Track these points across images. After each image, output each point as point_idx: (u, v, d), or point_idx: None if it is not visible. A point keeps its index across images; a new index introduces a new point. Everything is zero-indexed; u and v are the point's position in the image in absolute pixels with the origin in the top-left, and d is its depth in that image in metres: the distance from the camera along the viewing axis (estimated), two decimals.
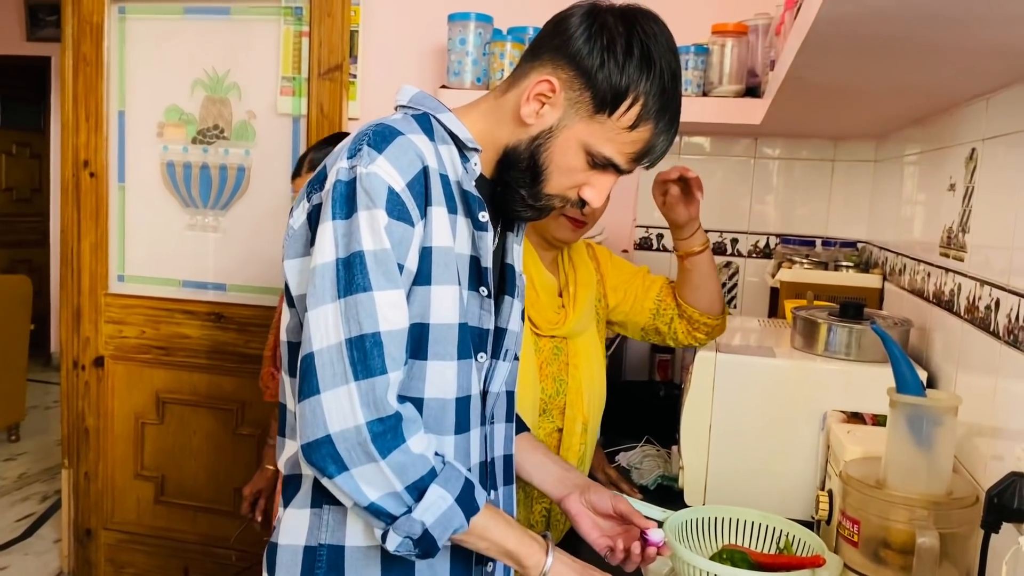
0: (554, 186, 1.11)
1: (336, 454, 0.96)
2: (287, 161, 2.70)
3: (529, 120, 1.08)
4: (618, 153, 1.09)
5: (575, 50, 1.05)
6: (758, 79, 2.06)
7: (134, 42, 2.80)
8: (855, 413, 1.57)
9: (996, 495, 1.08)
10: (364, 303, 0.97)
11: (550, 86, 1.06)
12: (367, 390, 0.95)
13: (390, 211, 0.98)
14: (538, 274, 1.61)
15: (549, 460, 1.36)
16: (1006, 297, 1.24)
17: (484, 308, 1.11)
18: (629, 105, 1.05)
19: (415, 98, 1.13)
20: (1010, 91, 1.30)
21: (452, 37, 2.19)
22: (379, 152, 1.00)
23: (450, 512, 0.99)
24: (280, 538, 1.09)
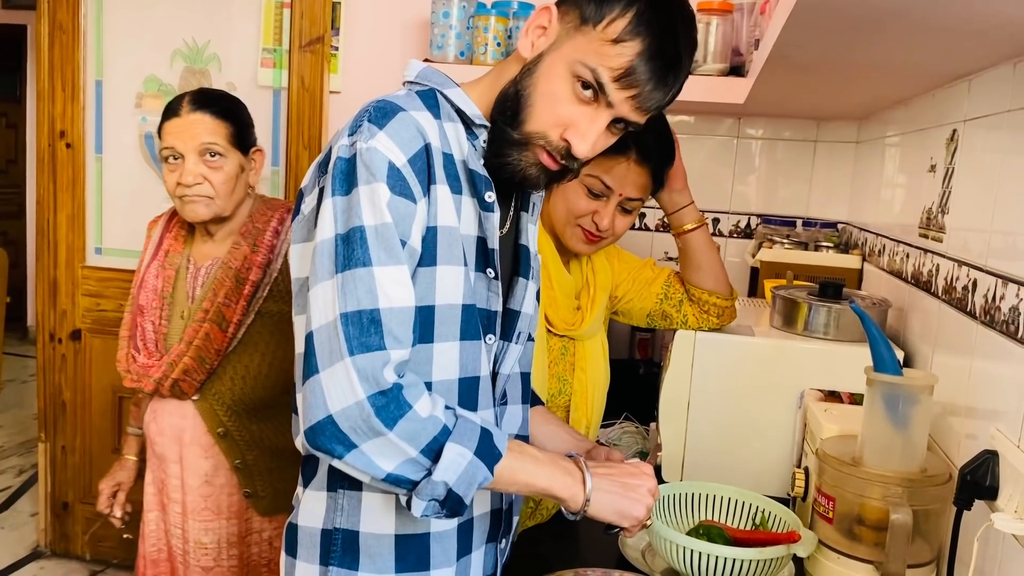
0: (537, 120, 1.03)
1: (341, 434, 0.93)
2: (268, 134, 2.67)
3: (525, 53, 1.05)
4: (601, 65, 1.00)
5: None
6: (742, 58, 2.05)
7: (112, 11, 2.75)
8: (832, 392, 1.59)
9: (969, 473, 1.09)
10: (363, 278, 0.94)
11: (548, 15, 1.04)
12: (364, 364, 0.92)
13: (391, 186, 0.96)
14: (557, 273, 1.60)
15: (562, 430, 1.34)
16: (983, 278, 1.25)
17: (492, 290, 1.09)
18: (615, 16, 0.99)
19: (422, 73, 1.10)
20: (992, 72, 1.31)
21: (435, 10, 2.17)
22: (379, 128, 0.98)
23: (471, 467, 0.96)
24: (300, 519, 1.10)
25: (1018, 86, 1.20)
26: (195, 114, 1.66)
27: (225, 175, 1.67)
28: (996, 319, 1.18)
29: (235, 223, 1.74)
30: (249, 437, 1.73)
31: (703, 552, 1.20)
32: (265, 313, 1.71)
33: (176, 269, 1.75)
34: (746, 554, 1.20)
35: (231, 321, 1.68)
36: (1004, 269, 1.17)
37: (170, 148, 1.67)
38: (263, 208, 1.77)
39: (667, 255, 2.45)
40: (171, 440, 1.73)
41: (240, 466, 1.73)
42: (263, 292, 1.70)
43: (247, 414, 1.72)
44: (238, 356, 1.70)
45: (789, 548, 1.23)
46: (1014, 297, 1.12)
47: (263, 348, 1.72)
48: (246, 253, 1.70)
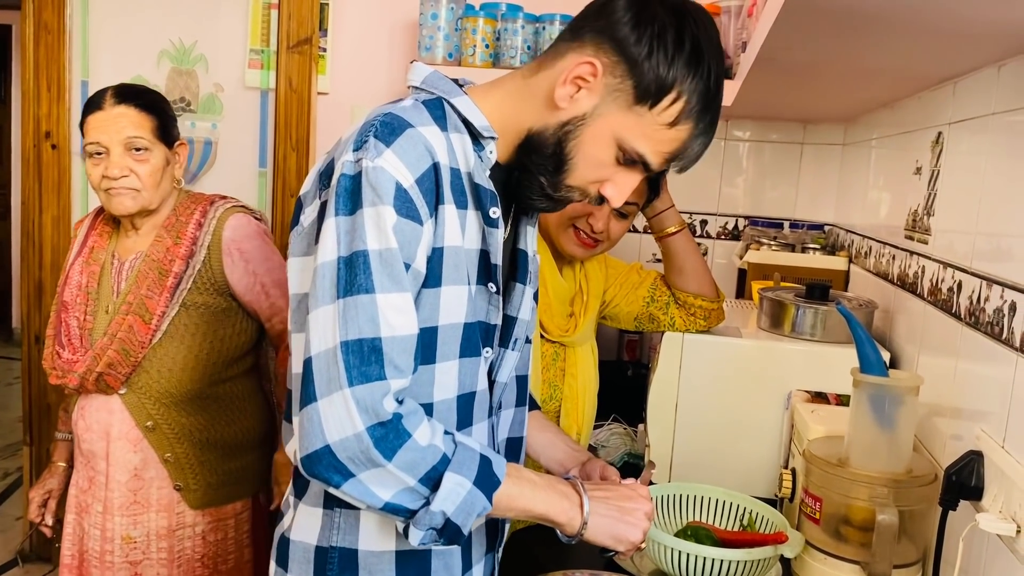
0: (577, 178, 1.03)
1: (339, 463, 0.91)
2: (255, 135, 2.66)
3: (562, 103, 1.00)
4: (652, 151, 1.01)
5: (622, 35, 0.97)
6: (730, 60, 2.06)
7: (98, 11, 2.74)
8: (819, 393, 1.59)
9: (954, 473, 1.10)
10: (365, 305, 0.91)
11: (592, 69, 0.98)
12: (364, 395, 0.90)
13: (398, 208, 0.93)
14: (552, 279, 1.60)
15: (559, 439, 1.34)
16: (968, 279, 1.26)
17: (492, 304, 1.07)
18: (672, 100, 0.98)
19: (429, 79, 1.06)
20: (977, 75, 1.32)
21: (424, 12, 2.17)
22: (386, 145, 0.94)
23: (471, 497, 0.95)
24: (293, 533, 1.07)
25: (1002, 89, 1.21)
26: (119, 107, 1.65)
27: (151, 168, 1.67)
28: (981, 320, 1.19)
29: (159, 217, 1.73)
30: (179, 430, 1.72)
31: (691, 553, 1.20)
32: (190, 305, 1.70)
33: (101, 265, 1.75)
34: (733, 555, 1.20)
35: (154, 313, 1.67)
36: (988, 271, 1.18)
37: (95, 143, 1.65)
38: (187, 202, 1.76)
39: (655, 257, 2.46)
40: (98, 436, 1.72)
41: (170, 459, 1.71)
42: (187, 284, 1.70)
43: (176, 407, 1.71)
44: (164, 349, 1.69)
45: (776, 549, 1.23)
46: (998, 299, 1.13)
47: (189, 341, 1.71)
48: (169, 245, 1.70)
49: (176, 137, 1.75)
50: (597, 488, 1.10)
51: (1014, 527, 0.98)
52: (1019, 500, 0.98)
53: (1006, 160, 1.17)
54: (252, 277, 1.74)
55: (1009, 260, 1.11)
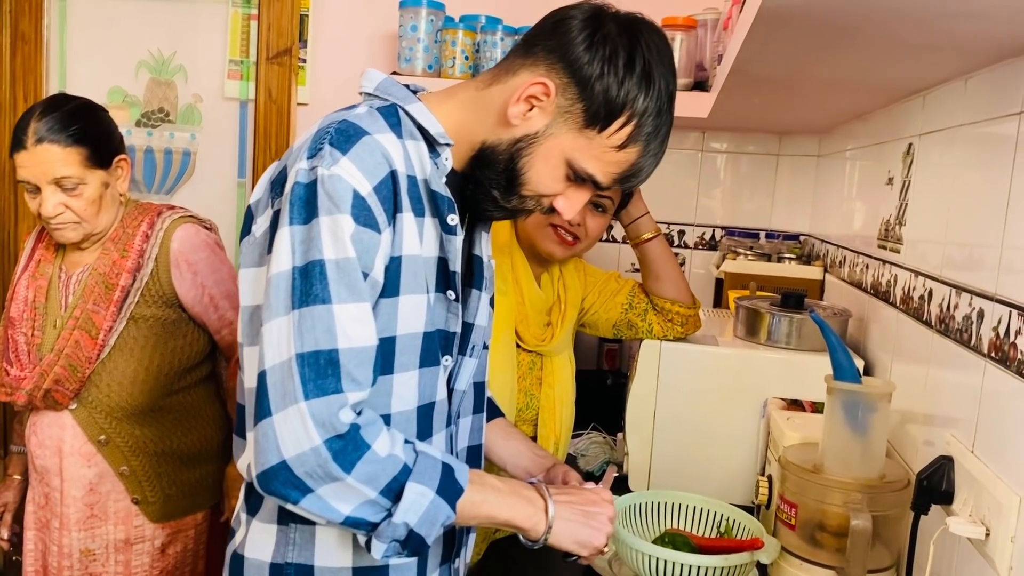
0: (529, 191, 1.05)
1: (296, 479, 0.89)
2: (234, 146, 2.65)
3: (515, 121, 1.00)
4: (601, 172, 1.02)
5: (574, 56, 0.98)
6: (706, 73, 2.08)
7: (76, 21, 2.72)
8: (794, 400, 1.61)
9: (926, 478, 1.12)
10: (321, 316, 0.89)
11: (544, 89, 0.98)
12: (319, 409, 0.88)
13: (356, 217, 0.91)
14: (529, 288, 1.61)
15: (524, 446, 1.33)
16: (938, 288, 1.28)
17: (451, 311, 1.06)
18: (622, 124, 0.99)
19: (382, 86, 1.05)
20: (946, 87, 1.35)
21: (403, 23, 2.18)
22: (342, 153, 0.92)
23: (433, 507, 0.93)
24: (247, 550, 1.05)
25: (970, 101, 1.23)
26: (41, 146, 1.57)
27: (87, 200, 1.61)
28: (951, 328, 1.21)
29: (106, 231, 1.70)
30: (133, 443, 1.69)
31: (668, 560, 1.21)
32: (139, 318, 1.67)
33: (48, 279, 1.71)
34: (710, 561, 1.22)
35: (101, 327, 1.64)
36: (958, 279, 1.21)
37: (24, 180, 1.60)
38: (133, 213, 1.72)
39: (633, 267, 2.47)
40: (51, 452, 1.69)
41: (126, 472, 1.69)
42: (135, 297, 1.67)
43: (128, 420, 1.68)
44: (113, 363, 1.66)
45: (753, 555, 1.24)
46: (967, 306, 1.15)
47: (139, 354, 1.68)
48: (115, 258, 1.67)
49: (115, 152, 1.68)
50: (561, 493, 1.09)
51: (983, 530, 0.99)
52: (988, 504, 0.99)
53: (974, 171, 1.20)
54: (200, 289, 1.71)
55: (977, 269, 1.14)
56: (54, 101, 1.65)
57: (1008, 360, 1.00)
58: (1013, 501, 0.94)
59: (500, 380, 1.55)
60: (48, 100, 1.66)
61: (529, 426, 1.66)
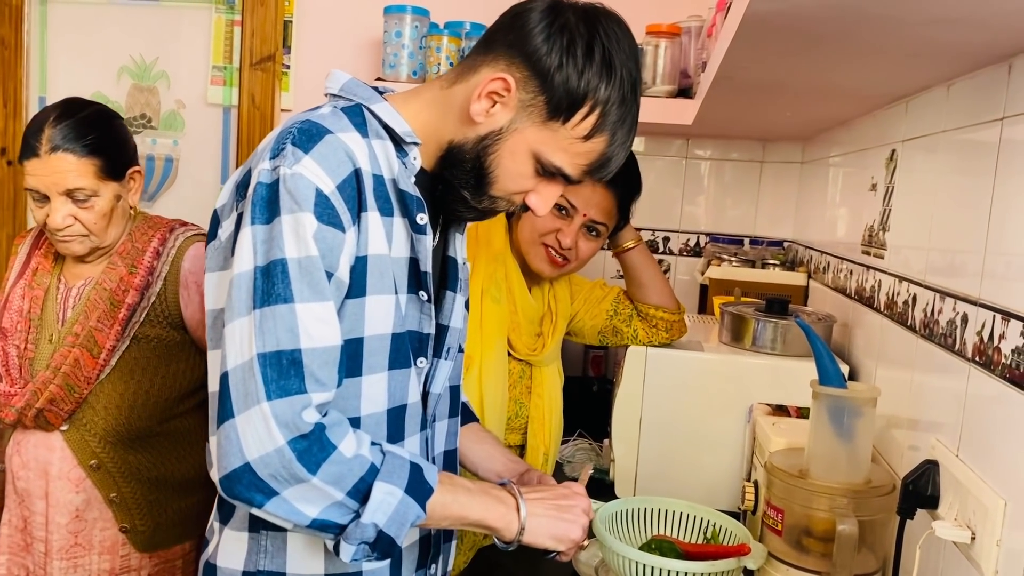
0: (499, 189, 1.04)
1: (260, 482, 0.87)
2: (217, 152, 2.64)
3: (478, 118, 0.99)
4: (569, 164, 1.01)
5: (532, 48, 0.97)
6: (690, 80, 2.09)
7: (57, 27, 2.70)
8: (780, 406, 1.62)
9: (911, 483, 1.12)
10: (283, 315, 0.88)
11: (504, 84, 0.98)
12: (282, 410, 0.87)
13: (319, 215, 0.90)
14: (522, 296, 1.61)
15: (497, 451, 1.31)
16: (922, 293, 1.29)
17: (424, 312, 1.05)
18: (586, 113, 0.98)
19: (347, 86, 1.04)
20: (928, 94, 1.36)
21: (388, 30, 2.17)
22: (305, 152, 0.91)
23: (403, 506, 0.92)
24: (218, 559, 1.04)
25: (952, 107, 1.24)
26: (56, 155, 1.48)
27: (98, 213, 1.53)
28: (935, 332, 1.21)
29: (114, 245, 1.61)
30: (126, 469, 1.59)
31: (655, 566, 1.21)
32: (142, 338, 1.58)
33: (45, 289, 1.60)
34: (697, 568, 1.21)
35: (103, 346, 1.55)
36: (942, 284, 1.21)
37: (33, 189, 1.51)
38: (144, 227, 1.63)
39: (618, 273, 2.47)
40: (36, 474, 1.58)
41: (116, 500, 1.58)
42: (140, 316, 1.58)
43: (123, 445, 1.58)
44: (112, 384, 1.57)
45: (739, 561, 1.24)
46: (951, 311, 1.15)
47: (139, 375, 1.58)
48: (123, 274, 1.57)
49: (130, 163, 1.60)
50: (532, 491, 1.09)
51: (968, 534, 1.00)
52: (973, 508, 1.00)
53: (956, 176, 1.21)
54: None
55: (961, 274, 1.14)
56: (69, 106, 1.55)
57: (992, 364, 1.01)
58: (998, 504, 0.95)
59: (493, 389, 1.54)
60: (63, 104, 1.56)
61: (518, 435, 1.66)
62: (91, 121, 1.53)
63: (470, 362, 1.51)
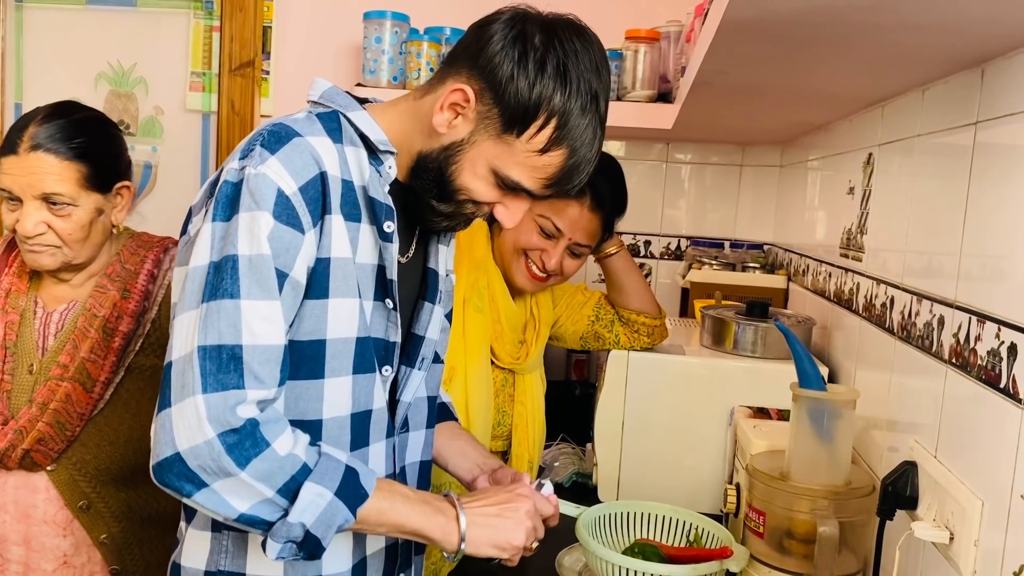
0: (463, 198, 1.04)
1: (190, 472, 0.88)
2: (196, 158, 2.62)
3: (441, 129, 1.00)
4: (528, 178, 1.00)
5: (487, 59, 0.97)
6: (670, 85, 2.10)
7: (33, 32, 2.67)
8: (761, 408, 1.62)
9: (890, 484, 1.13)
10: (228, 310, 0.89)
11: (463, 95, 0.98)
12: (216, 403, 0.87)
13: (277, 215, 0.91)
14: (505, 304, 1.61)
15: (470, 447, 1.30)
16: (900, 295, 1.30)
17: (391, 320, 1.05)
18: (540, 126, 0.97)
19: (327, 94, 1.05)
20: (903, 98, 1.37)
21: (368, 35, 2.17)
22: (271, 153, 0.93)
23: (331, 508, 0.91)
24: (183, 559, 1.05)
25: (927, 112, 1.26)
26: (35, 154, 1.34)
27: (74, 223, 1.38)
28: (912, 334, 1.22)
29: (97, 264, 1.46)
30: (117, 508, 1.46)
31: (637, 570, 1.21)
32: (137, 369, 1.45)
33: (20, 313, 1.44)
34: (680, 571, 1.22)
35: (98, 380, 1.41)
36: (919, 286, 1.22)
37: (5, 189, 1.37)
38: (133, 247, 1.49)
39: (600, 277, 2.48)
40: (15, 518, 1.43)
41: (106, 541, 1.45)
42: (136, 345, 1.44)
43: (116, 483, 1.46)
44: (106, 419, 1.43)
45: (722, 564, 1.24)
46: (928, 313, 1.16)
47: (135, 408, 1.45)
48: (115, 299, 1.43)
49: (120, 177, 1.46)
50: (473, 498, 1.06)
51: (947, 535, 1.01)
52: (952, 508, 1.01)
53: (931, 180, 1.22)
54: None
55: (937, 276, 1.16)
56: (61, 107, 1.43)
57: (968, 366, 1.02)
58: (975, 505, 0.95)
59: (478, 398, 1.54)
60: (55, 105, 1.44)
61: (501, 442, 1.66)
62: (82, 125, 1.42)
63: (454, 372, 1.51)
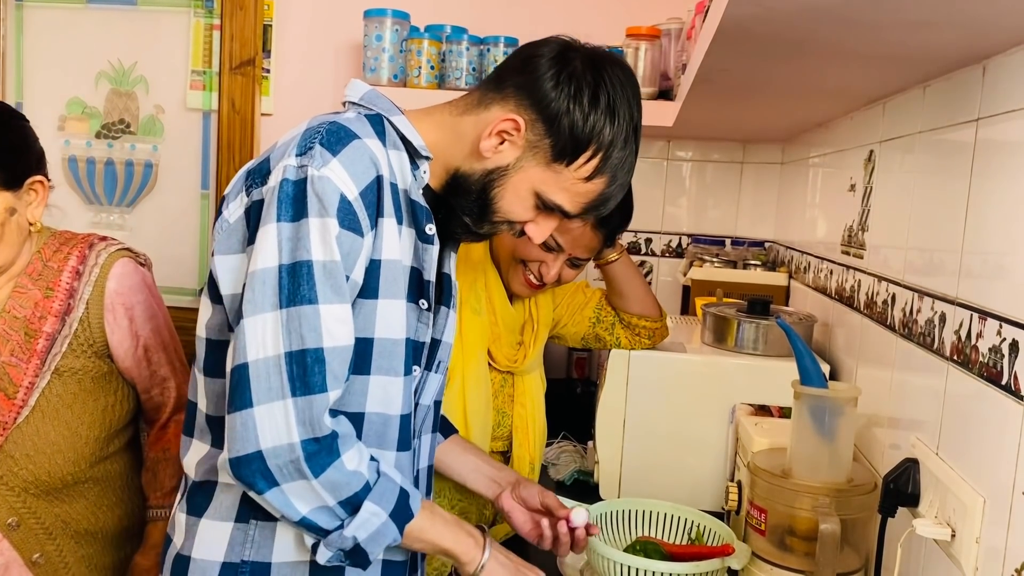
0: (499, 218, 1.10)
1: (267, 470, 0.92)
2: (196, 157, 2.62)
3: (487, 154, 1.05)
4: (570, 202, 1.07)
5: (542, 93, 1.02)
6: (670, 82, 2.10)
7: (33, 31, 2.68)
8: (762, 406, 1.62)
9: (892, 481, 1.13)
10: (309, 316, 0.93)
11: (515, 125, 1.03)
12: (304, 407, 0.92)
13: (341, 220, 0.94)
14: (502, 307, 1.61)
15: (481, 461, 1.37)
16: (901, 292, 1.30)
17: (422, 321, 1.08)
18: (589, 157, 1.04)
19: (367, 96, 1.08)
20: (905, 95, 1.37)
21: (368, 33, 2.17)
22: (333, 154, 0.95)
23: (384, 527, 0.98)
24: (194, 551, 1.04)
25: (928, 109, 1.26)
26: None
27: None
28: (914, 332, 1.22)
29: (17, 266, 1.38)
30: (51, 524, 1.38)
31: (640, 568, 1.21)
32: (64, 371, 1.37)
33: None
34: (681, 568, 1.22)
35: (20, 384, 1.33)
36: (920, 284, 1.22)
37: None
38: (55, 244, 1.41)
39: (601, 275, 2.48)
40: None
41: (40, 561, 1.37)
42: (61, 346, 1.37)
43: (48, 496, 1.37)
44: (32, 427, 1.35)
45: (723, 561, 1.25)
46: (929, 310, 1.16)
47: (65, 415, 1.37)
48: (37, 299, 1.36)
49: (29, 171, 1.36)
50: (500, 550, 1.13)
51: (949, 531, 1.01)
52: (953, 505, 1.01)
53: (932, 176, 1.22)
54: (134, 340, 1.43)
55: (939, 273, 1.15)
56: None
57: (970, 363, 1.02)
58: (977, 502, 0.95)
59: (476, 401, 1.54)
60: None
61: (502, 443, 1.66)
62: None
63: (452, 375, 1.51)
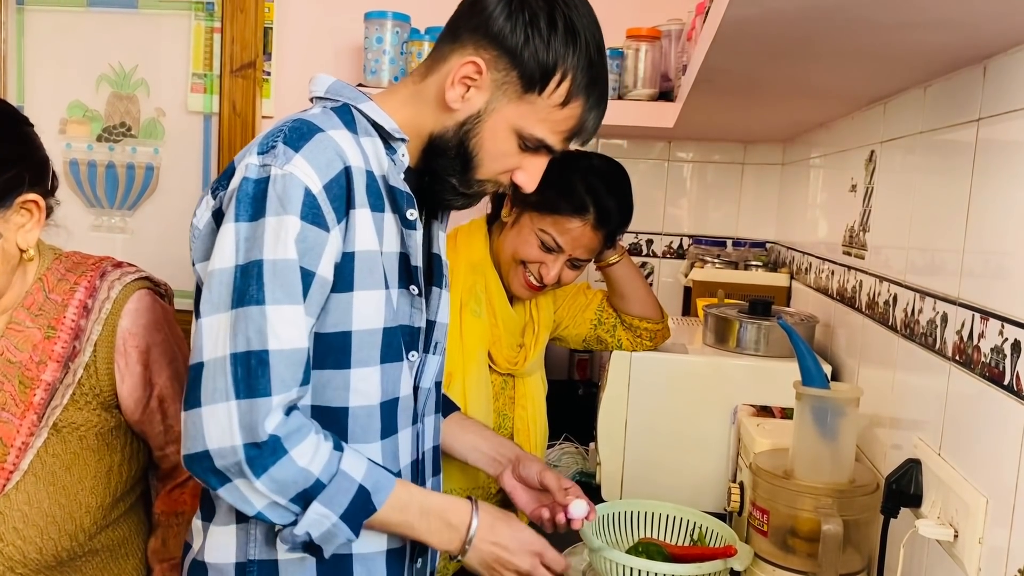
0: (485, 172, 1.07)
1: (216, 469, 0.94)
2: (198, 160, 2.62)
3: (455, 105, 1.03)
4: (550, 132, 1.05)
5: (497, 28, 1.00)
6: (671, 83, 2.10)
7: (34, 35, 2.68)
8: (764, 407, 1.62)
9: (894, 481, 1.13)
10: (254, 317, 0.92)
11: (476, 67, 1.01)
12: (246, 411, 0.92)
13: (304, 215, 0.93)
14: (502, 309, 1.60)
15: (480, 439, 1.37)
16: (903, 292, 1.30)
17: (415, 306, 1.08)
18: (559, 81, 1.02)
19: (332, 88, 1.07)
20: (905, 95, 1.37)
21: (368, 36, 2.17)
22: (296, 151, 0.94)
23: (334, 528, 0.97)
24: (207, 555, 1.05)
25: (929, 109, 1.25)
26: None
27: None
28: (915, 332, 1.22)
29: (8, 298, 1.14)
30: None
31: (642, 570, 1.21)
32: (64, 427, 1.15)
33: None
34: (684, 570, 1.21)
35: (11, 444, 1.12)
36: (921, 284, 1.22)
37: None
38: (60, 271, 1.18)
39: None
40: None
41: None
42: (62, 398, 1.14)
43: (42, 573, 1.17)
44: (24, 494, 1.13)
45: (726, 563, 1.24)
46: (931, 310, 1.16)
47: (63, 479, 1.15)
48: (36, 340, 1.13)
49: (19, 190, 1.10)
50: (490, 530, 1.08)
51: (951, 532, 1.00)
52: (956, 506, 1.01)
53: (933, 176, 1.22)
54: (148, 389, 1.20)
55: (940, 273, 1.15)
56: None
57: (972, 363, 1.02)
58: (980, 502, 0.95)
59: (477, 403, 1.54)
60: None
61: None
62: None
63: (451, 378, 1.51)
